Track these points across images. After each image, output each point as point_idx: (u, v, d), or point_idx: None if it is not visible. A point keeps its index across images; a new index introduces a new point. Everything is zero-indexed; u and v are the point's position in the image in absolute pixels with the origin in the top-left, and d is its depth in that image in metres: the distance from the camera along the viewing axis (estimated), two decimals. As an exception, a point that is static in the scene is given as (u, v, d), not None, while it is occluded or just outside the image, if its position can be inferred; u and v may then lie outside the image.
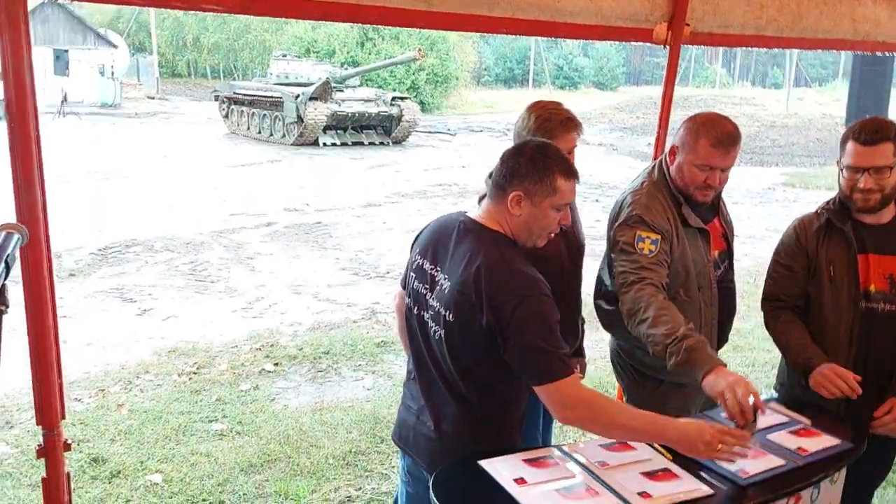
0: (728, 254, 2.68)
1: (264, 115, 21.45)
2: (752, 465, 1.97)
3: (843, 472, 2.16)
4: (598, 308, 2.76)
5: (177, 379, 5.01)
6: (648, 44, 3.56)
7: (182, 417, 4.38)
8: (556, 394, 1.85)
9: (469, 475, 1.91)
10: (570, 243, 2.62)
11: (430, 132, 24.84)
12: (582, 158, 2.39)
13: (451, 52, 36.09)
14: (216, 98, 23.96)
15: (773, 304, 2.62)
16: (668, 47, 3.47)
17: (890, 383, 2.46)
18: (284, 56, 24.38)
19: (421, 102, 28.65)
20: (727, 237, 2.68)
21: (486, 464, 1.93)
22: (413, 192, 13.43)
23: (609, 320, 2.69)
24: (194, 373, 5.13)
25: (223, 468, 3.80)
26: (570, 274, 2.63)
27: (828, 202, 2.55)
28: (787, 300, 2.57)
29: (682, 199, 2.48)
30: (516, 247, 1.99)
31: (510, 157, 1.98)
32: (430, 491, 1.85)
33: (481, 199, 2.45)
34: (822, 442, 2.11)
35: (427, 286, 2.05)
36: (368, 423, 4.34)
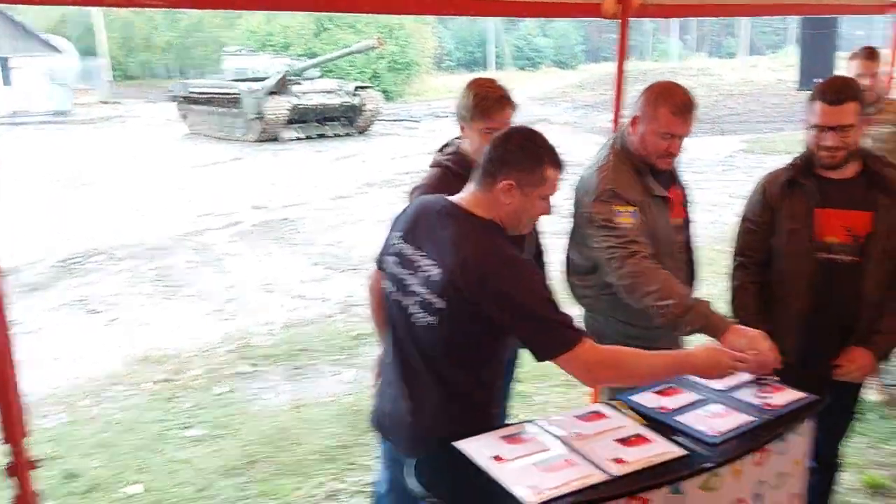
0: (687, 222, 2.74)
1: (223, 112, 21.15)
2: (721, 423, 2.02)
3: (809, 423, 2.22)
4: (571, 285, 2.79)
5: (149, 387, 4.96)
6: (600, 19, 3.58)
7: (157, 426, 4.34)
8: (578, 362, 1.90)
9: (447, 458, 1.93)
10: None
11: (394, 120, 24.70)
12: (547, 138, 2.41)
13: (410, 38, 35.89)
14: (173, 99, 23.59)
15: (740, 260, 2.71)
16: (617, 21, 3.49)
17: (849, 337, 2.54)
18: (239, 51, 24.13)
19: (383, 91, 28.44)
20: (685, 205, 2.74)
21: (463, 444, 1.95)
22: (381, 181, 13.37)
23: (581, 293, 2.73)
24: (167, 380, 5.08)
25: (203, 473, 3.78)
26: None
27: (795, 158, 2.63)
28: (752, 255, 2.67)
29: (646, 169, 2.53)
30: (504, 233, 2.00)
31: (500, 144, 1.98)
32: (409, 477, 1.87)
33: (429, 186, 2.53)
34: (787, 396, 2.16)
35: (410, 272, 2.04)
36: (350, 417, 4.34)
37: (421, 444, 2.04)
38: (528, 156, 1.95)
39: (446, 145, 2.74)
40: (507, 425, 2.10)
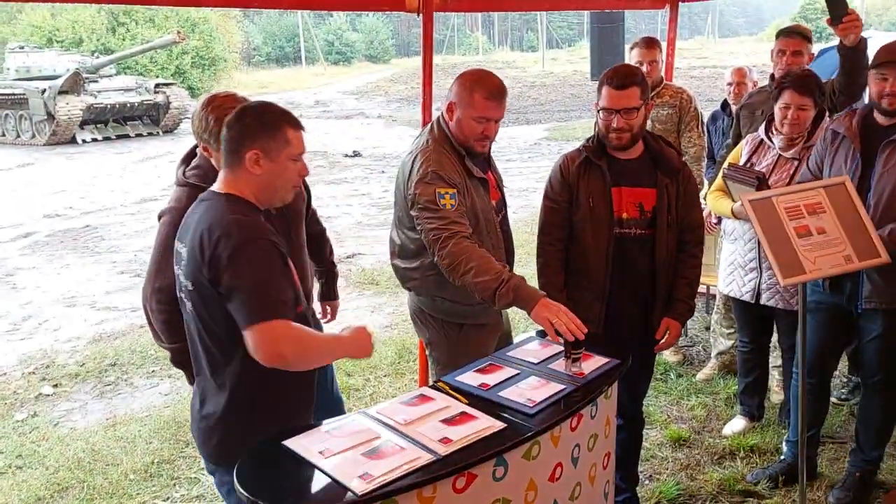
0: (503, 202, 2.88)
1: (6, 115, 19.16)
2: (537, 393, 2.13)
3: (615, 385, 2.41)
4: (395, 268, 2.85)
5: (-65, 421, 4.40)
6: (404, 13, 3.63)
7: (-53, 462, 3.87)
8: (265, 333, 1.86)
9: (273, 457, 1.89)
10: (281, 217, 2.61)
11: (202, 119, 23.52)
12: (364, 132, 2.42)
13: (214, 32, 34.37)
14: (-56, 101, 20.99)
15: (543, 238, 2.87)
16: (420, 15, 3.56)
17: (651, 301, 2.80)
18: (23, 48, 21.78)
19: (189, 87, 27.09)
20: (500, 187, 2.88)
21: (289, 442, 1.91)
22: (191, 182, 12.69)
23: (407, 275, 2.78)
24: (-44, 411, 4.54)
25: (6, 508, 3.43)
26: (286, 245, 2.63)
27: (588, 140, 2.83)
28: (554, 232, 2.84)
29: (464, 152, 2.63)
30: (246, 203, 1.99)
31: (235, 123, 1.99)
32: (235, 480, 1.81)
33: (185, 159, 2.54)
34: (595, 363, 2.33)
35: (178, 265, 2.05)
36: (170, 430, 4.11)
37: (217, 450, 2.07)
38: (265, 124, 1.98)
39: (191, 157, 2.61)
40: (333, 419, 2.09)
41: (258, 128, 1.97)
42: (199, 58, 32.59)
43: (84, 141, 18.57)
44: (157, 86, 20.14)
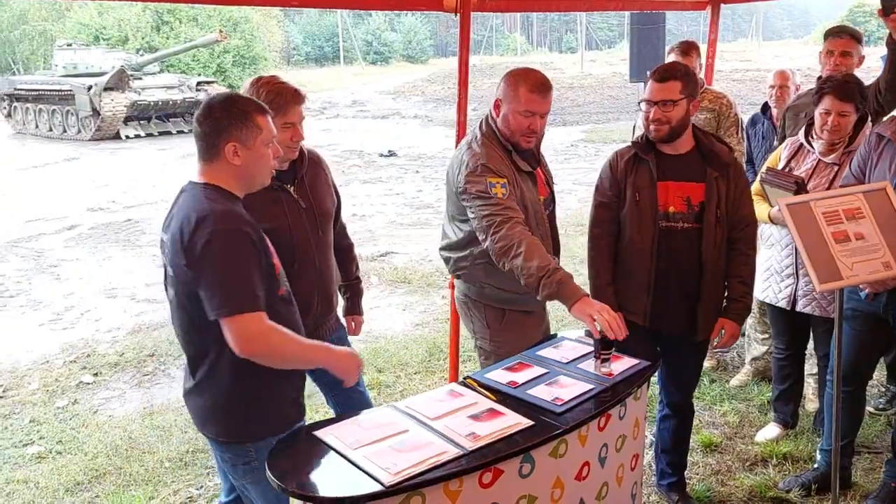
0: (552, 199, 2.93)
1: (53, 110, 19.67)
2: (565, 392, 2.14)
3: (646, 388, 2.40)
4: (445, 259, 2.92)
5: (-19, 406, 4.55)
6: (442, 12, 3.66)
7: (-8, 446, 4.00)
8: (241, 327, 1.90)
9: (304, 446, 1.93)
10: (311, 213, 2.67)
11: (241, 117, 23.87)
12: (400, 132, 2.46)
13: (255, 32, 34.85)
14: (-5, 97, 21.64)
15: (594, 232, 2.91)
16: (458, 15, 3.58)
17: (697, 296, 2.80)
18: (70, 45, 22.35)
19: (230, 86, 27.46)
20: (549, 184, 2.93)
21: (320, 433, 1.95)
22: (230, 179, 12.90)
23: (457, 265, 2.85)
24: (1, 396, 4.68)
25: (46, 492, 3.52)
26: (311, 242, 2.67)
27: (638, 136, 2.87)
28: (604, 227, 2.88)
29: (511, 148, 2.68)
30: (224, 193, 2.04)
31: (206, 117, 2.03)
32: (267, 468, 1.85)
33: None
34: (625, 364, 2.33)
35: (163, 253, 2.09)
36: (204, 420, 4.19)
37: (204, 424, 2.14)
38: (235, 115, 2.02)
39: None
40: (361, 412, 2.13)
41: (229, 119, 2.01)
42: (240, 57, 33.07)
43: (127, 137, 18.98)
44: (198, 84, 20.50)
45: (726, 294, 2.86)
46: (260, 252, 1.99)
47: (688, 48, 4.21)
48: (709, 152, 2.77)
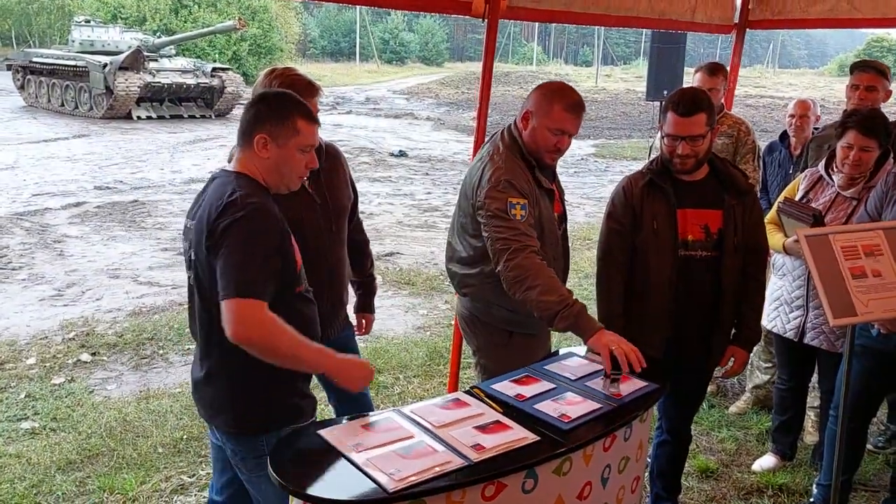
0: (564, 216, 2.88)
1: (67, 85, 19.70)
2: (573, 409, 2.12)
3: (652, 410, 2.38)
4: (452, 273, 2.84)
5: (-23, 377, 4.54)
6: (468, 17, 3.65)
7: (-15, 418, 3.98)
8: (240, 310, 1.87)
9: (308, 445, 1.91)
10: (325, 208, 2.66)
11: (255, 105, 23.88)
12: (411, 132, 2.45)
13: (273, 22, 34.92)
14: (9, 67, 21.66)
15: (607, 260, 2.82)
16: (486, 21, 3.57)
17: (715, 324, 2.78)
18: (88, 22, 22.41)
19: (244, 74, 27.50)
20: (562, 200, 2.87)
21: (325, 432, 1.94)
22: (238, 167, 12.89)
23: (465, 281, 2.76)
24: (-2, 369, 4.67)
25: (37, 468, 3.51)
26: (324, 238, 2.67)
27: (651, 162, 2.81)
28: (617, 255, 2.79)
29: (534, 163, 2.61)
30: (255, 183, 2.04)
31: (252, 105, 2.06)
32: (269, 464, 1.84)
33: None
34: (633, 385, 2.31)
35: (185, 240, 2.09)
36: (200, 408, 4.17)
37: (216, 414, 2.11)
38: (278, 110, 2.04)
39: None
40: (369, 413, 2.11)
41: (270, 113, 2.03)
42: (256, 46, 33.15)
43: (139, 117, 19.01)
44: (213, 70, 20.53)
45: (737, 321, 2.84)
46: (281, 246, 1.98)
47: (715, 69, 4.17)
48: (726, 178, 2.74)
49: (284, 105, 2.05)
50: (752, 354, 4.33)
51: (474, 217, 2.59)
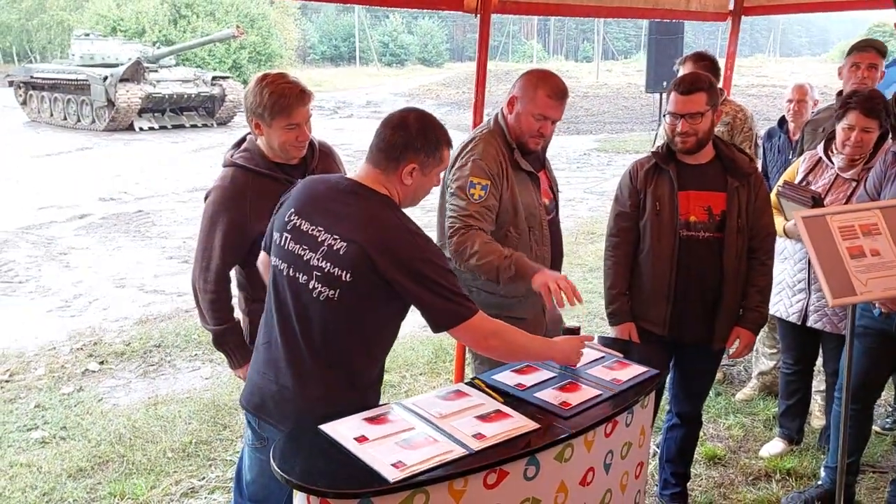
0: (555, 205, 2.92)
1: (69, 99, 19.80)
2: (573, 397, 2.13)
3: (653, 395, 2.39)
4: None
5: (-13, 389, 4.57)
6: (461, 12, 3.66)
7: (-4, 428, 4.01)
8: (473, 331, 2.02)
9: (310, 440, 1.92)
10: None
11: (256, 113, 23.92)
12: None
13: (272, 29, 35.03)
14: (10, 84, 21.78)
15: (613, 241, 2.92)
16: (478, 16, 3.59)
17: (715, 305, 2.80)
18: (87, 35, 22.50)
19: (244, 82, 27.56)
20: (553, 190, 2.92)
21: (326, 427, 1.94)
22: (241, 174, 12.93)
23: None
24: (6, 381, 4.70)
25: (48, 477, 3.53)
26: None
27: (658, 147, 2.88)
28: (623, 235, 2.89)
29: (515, 146, 2.70)
30: (398, 207, 2.07)
31: (402, 128, 2.03)
32: (271, 459, 1.84)
33: (235, 144, 2.61)
34: (633, 371, 2.32)
35: (306, 247, 2.03)
36: (209, 413, 4.19)
37: (308, 424, 2.04)
38: (429, 140, 2.04)
39: (241, 143, 2.63)
40: (371, 407, 2.12)
41: (423, 143, 2.03)
42: (256, 53, 33.26)
43: (141, 129, 19.09)
44: (213, 78, 20.60)
45: (743, 303, 2.85)
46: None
47: (700, 57, 4.16)
48: (730, 162, 2.78)
49: (434, 133, 2.06)
50: (757, 340, 4.33)
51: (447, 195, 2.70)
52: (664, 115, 2.80)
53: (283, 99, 2.40)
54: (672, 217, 2.75)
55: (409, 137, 2.02)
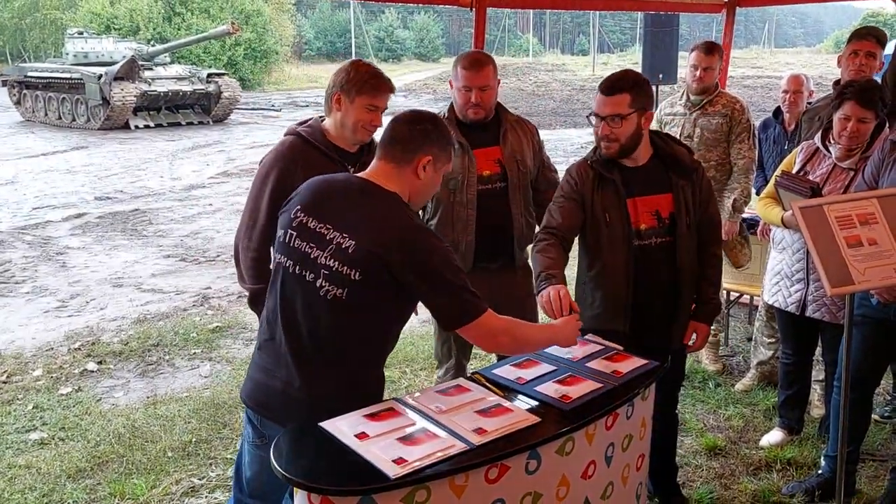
0: (503, 176, 3.06)
1: (63, 98, 19.73)
2: (573, 390, 2.13)
3: (653, 387, 2.39)
4: None
5: (-16, 390, 4.56)
6: (456, 6, 3.66)
7: (-6, 430, 4.00)
8: (483, 329, 2.01)
9: (310, 438, 1.92)
10: None
11: (253, 109, 23.97)
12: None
13: (267, 25, 34.93)
14: (4, 83, 21.71)
15: (545, 232, 2.69)
16: (474, 10, 3.58)
17: (674, 310, 2.75)
18: (81, 34, 22.42)
19: (240, 79, 27.54)
20: (502, 163, 3.06)
21: (326, 424, 1.94)
22: (239, 170, 12.95)
23: None
24: (4, 382, 4.68)
25: (47, 478, 3.52)
26: None
27: (595, 152, 2.71)
28: (557, 230, 2.66)
29: (458, 122, 3.02)
30: (409, 207, 2.07)
31: (417, 122, 2.05)
32: (272, 457, 1.84)
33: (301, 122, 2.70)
34: (633, 363, 2.31)
35: (314, 245, 2.02)
36: (208, 411, 4.18)
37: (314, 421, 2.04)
38: (442, 134, 2.08)
39: (306, 121, 2.77)
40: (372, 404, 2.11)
41: (437, 136, 2.06)
42: (251, 50, 33.18)
43: (137, 127, 19.04)
44: (209, 76, 20.54)
45: (696, 297, 2.80)
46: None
47: (711, 48, 4.14)
48: (670, 158, 2.66)
49: (446, 131, 2.09)
50: (755, 331, 4.34)
51: None
52: (588, 116, 2.65)
53: (374, 79, 2.54)
54: (623, 228, 2.62)
55: (426, 130, 2.05)
